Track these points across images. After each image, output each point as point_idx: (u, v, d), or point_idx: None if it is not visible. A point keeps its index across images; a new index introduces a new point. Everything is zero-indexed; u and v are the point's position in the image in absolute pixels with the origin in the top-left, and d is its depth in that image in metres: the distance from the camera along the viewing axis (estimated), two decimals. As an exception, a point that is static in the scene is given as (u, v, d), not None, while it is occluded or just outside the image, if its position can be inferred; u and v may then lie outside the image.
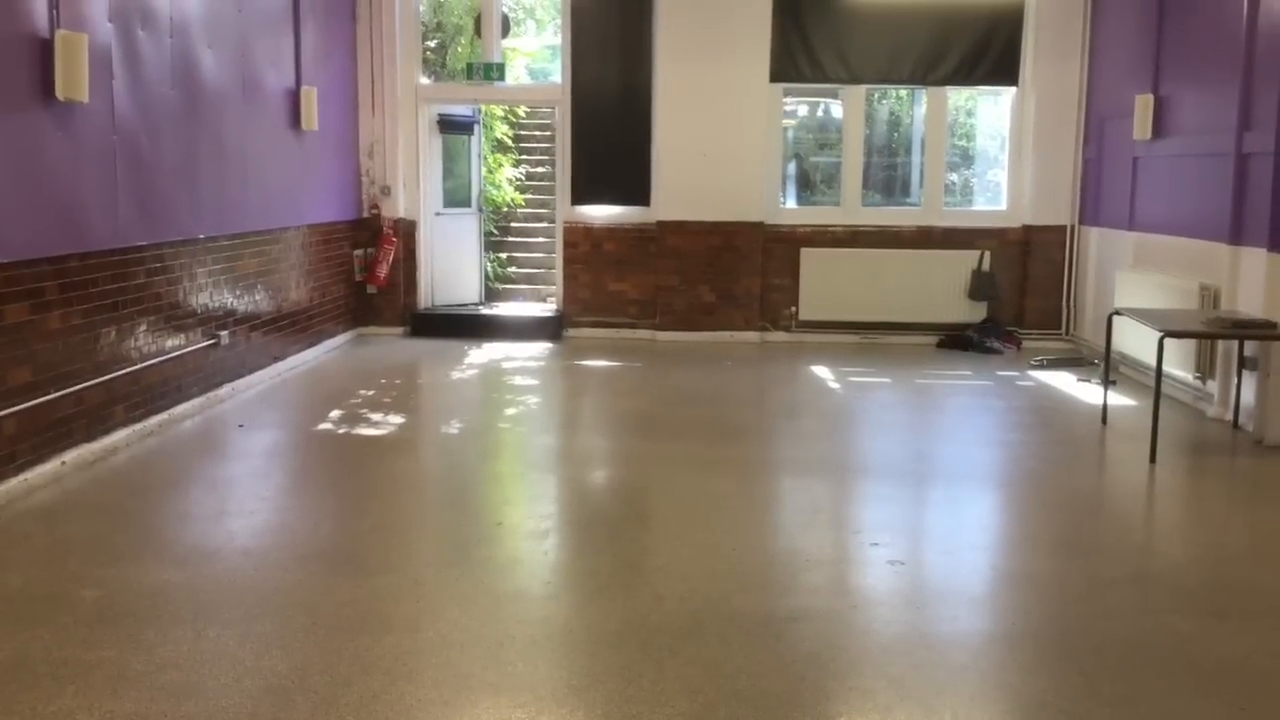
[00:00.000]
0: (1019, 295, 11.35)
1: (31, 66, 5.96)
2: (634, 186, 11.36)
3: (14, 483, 5.85)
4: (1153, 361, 7.06)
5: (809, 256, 11.29)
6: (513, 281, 13.88)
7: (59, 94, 6.09)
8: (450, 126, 12.10)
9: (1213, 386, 8.07)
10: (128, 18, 6.87)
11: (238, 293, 8.49)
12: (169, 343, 7.46)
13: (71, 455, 6.35)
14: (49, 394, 6.14)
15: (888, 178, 14.21)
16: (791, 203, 12.75)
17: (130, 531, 5.44)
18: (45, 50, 6.03)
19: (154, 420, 7.24)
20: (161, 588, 4.68)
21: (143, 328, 7.12)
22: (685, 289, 11.33)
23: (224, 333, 8.20)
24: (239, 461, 6.93)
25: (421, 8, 12.05)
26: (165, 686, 3.77)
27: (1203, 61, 8.61)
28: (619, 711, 3.65)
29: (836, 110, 12.96)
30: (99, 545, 5.20)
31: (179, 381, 7.61)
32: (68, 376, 6.32)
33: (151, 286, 7.22)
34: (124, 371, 6.89)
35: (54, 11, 6.08)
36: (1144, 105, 9.29)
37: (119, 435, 6.83)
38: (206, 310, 7.99)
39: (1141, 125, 9.32)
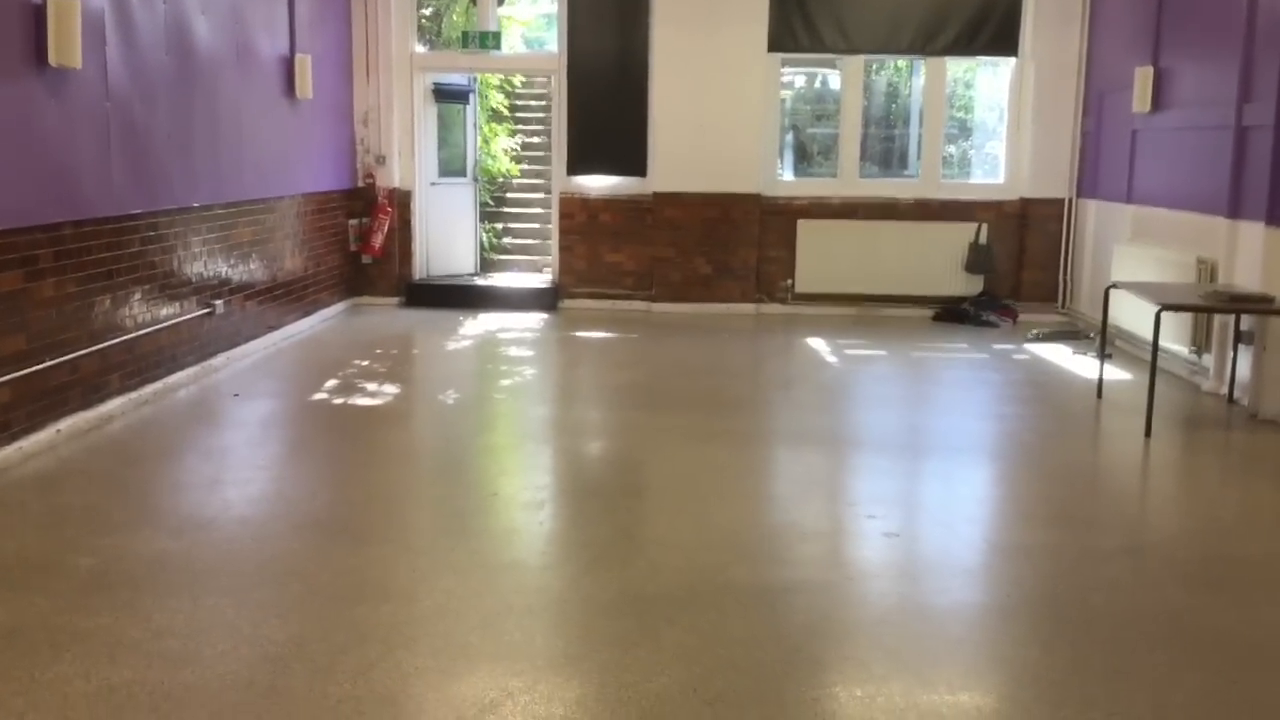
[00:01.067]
0: (1016, 268, 11.34)
1: (24, 32, 5.90)
2: (630, 157, 11.30)
3: (9, 451, 5.84)
4: (1149, 335, 7.06)
5: (806, 228, 11.26)
6: (508, 252, 13.85)
7: (51, 60, 6.03)
8: (445, 95, 12.03)
9: (1209, 360, 8.08)
10: (121, -17, 6.80)
11: (232, 262, 8.45)
12: (164, 311, 7.43)
13: (66, 423, 6.34)
14: (44, 362, 6.12)
15: (885, 149, 14.16)
16: (788, 174, 12.72)
17: (126, 500, 5.44)
18: (38, 16, 5.97)
19: (149, 389, 7.23)
20: (158, 556, 4.68)
21: (137, 296, 7.09)
22: (681, 260, 11.31)
23: (219, 302, 8.17)
24: (234, 430, 6.92)
25: (417, -25, 11.95)
26: (162, 654, 3.78)
27: (1203, 34, 8.56)
28: (615, 680, 3.66)
29: (834, 81, 12.90)
30: (95, 513, 5.20)
31: (174, 350, 7.59)
32: (62, 345, 6.30)
33: (146, 255, 7.18)
34: (119, 340, 6.87)
35: (46, -24, 6.02)
36: (1144, 77, 9.25)
37: (114, 404, 6.82)
38: (201, 279, 7.96)
39: (1141, 97, 9.29)
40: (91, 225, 6.56)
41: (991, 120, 12.88)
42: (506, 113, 15.64)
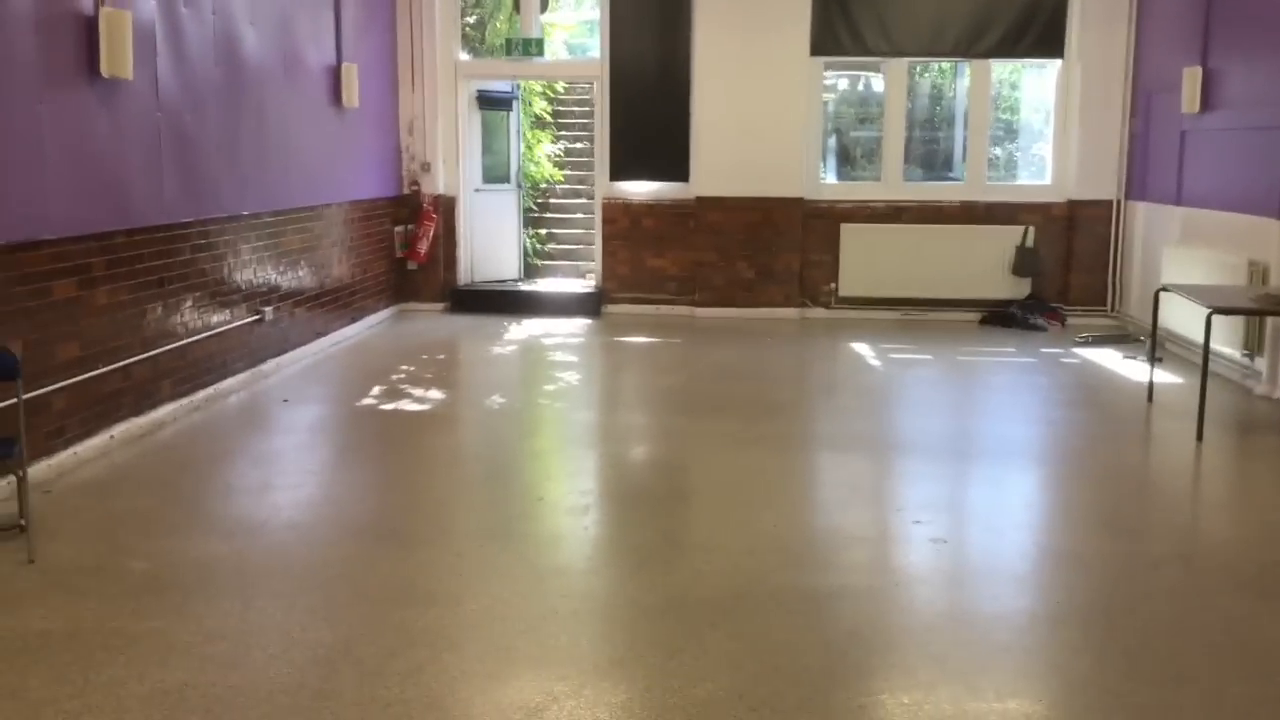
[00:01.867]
0: (1064, 271, 11.22)
1: (77, 44, 6.02)
2: (673, 162, 11.31)
3: (64, 456, 5.94)
4: (1200, 338, 6.96)
5: (849, 232, 11.20)
6: (552, 258, 13.89)
7: (104, 71, 6.14)
8: (489, 103, 12.10)
9: (1261, 364, 7.95)
10: (171, -5, 6.92)
11: (281, 269, 8.55)
12: (214, 318, 7.54)
13: (119, 429, 6.44)
14: (97, 369, 6.23)
15: (929, 152, 14.06)
16: (831, 178, 12.65)
17: (178, 505, 5.52)
18: (90, 28, 6.08)
19: (200, 395, 7.33)
20: (209, 560, 4.74)
21: (188, 304, 7.19)
22: (724, 265, 11.29)
23: (268, 308, 8.27)
24: (284, 436, 7.00)
25: (461, -17, 12.03)
26: (213, 657, 3.83)
27: (1252, 33, 8.44)
28: (660, 685, 3.66)
29: (877, 84, 12.82)
30: (147, 518, 5.28)
31: (224, 357, 7.69)
32: (115, 352, 6.40)
33: (196, 263, 7.29)
34: (170, 347, 6.98)
35: (99, -11, 6.13)
36: (1192, 78, 9.13)
37: (166, 410, 6.92)
38: (251, 286, 8.06)
39: (1190, 98, 9.16)
40: (143, 234, 6.66)
41: (1038, 122, 12.74)
42: (549, 119, 15.69)
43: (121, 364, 6.45)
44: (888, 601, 4.44)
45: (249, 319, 8.02)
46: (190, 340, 7.21)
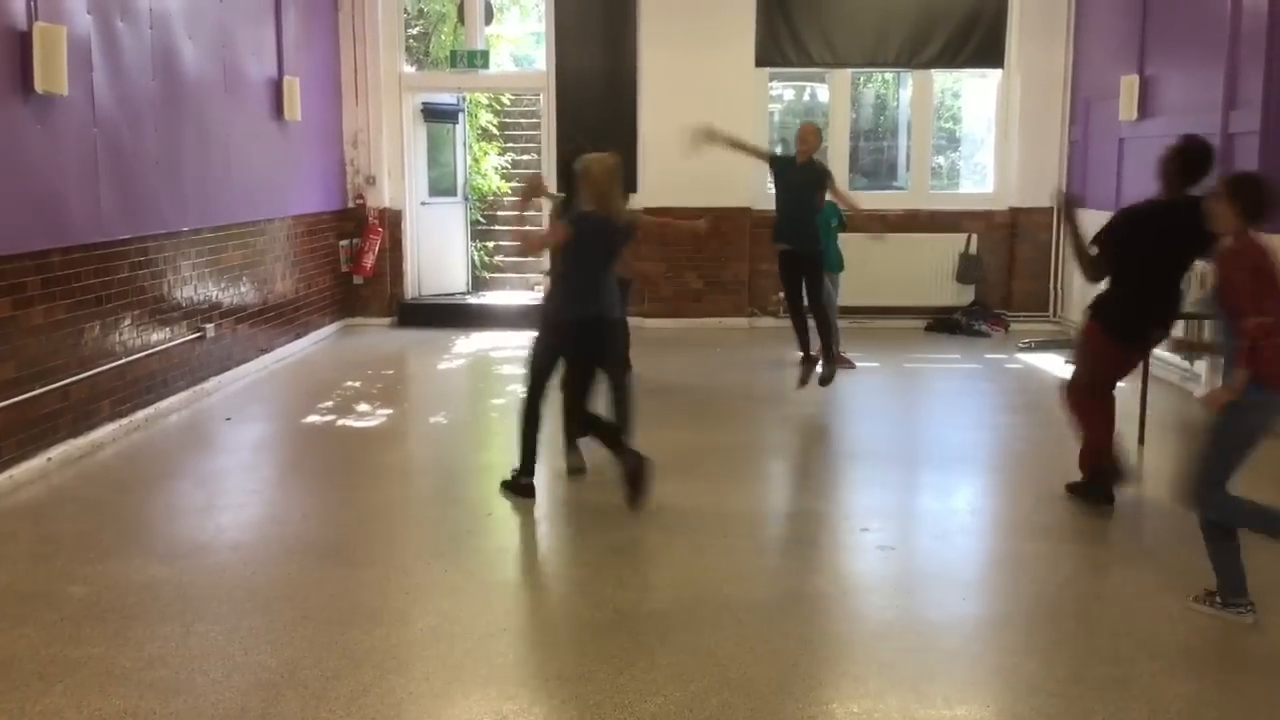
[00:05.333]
0: (1006, 278, 11.36)
1: (10, 59, 5.90)
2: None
3: (0, 480, 5.81)
4: (1140, 343, 7.04)
5: (796, 241, 11.24)
6: (500, 270, 13.83)
7: (38, 87, 6.03)
8: (435, 115, 12.04)
9: (1200, 367, 8.08)
10: (106, 9, 6.81)
11: (223, 285, 8.44)
12: (154, 337, 7.42)
13: (57, 451, 6.31)
14: (33, 390, 6.10)
15: (874, 161, 14.20)
16: (778, 188, 12.69)
17: (118, 527, 5.41)
18: (23, 43, 5.97)
19: (140, 415, 7.20)
20: (149, 583, 4.65)
21: (127, 322, 7.07)
22: (673, 275, 11.31)
23: (209, 326, 8.15)
24: (227, 455, 6.89)
25: (404, -5, 11.97)
26: (154, 683, 3.75)
27: (1188, 42, 8.60)
28: (610, 701, 3.64)
29: (823, 94, 12.93)
30: (86, 542, 5.17)
31: (165, 375, 7.57)
32: (52, 372, 6.28)
33: (135, 280, 7.17)
34: (109, 366, 6.85)
35: (32, 3, 6.02)
36: (1129, 86, 9.29)
37: (105, 430, 6.79)
38: (191, 303, 7.95)
39: (1127, 106, 9.32)
40: (79, 251, 6.54)
41: (980, 131, 12.91)
42: (496, 131, 15.64)
43: (59, 384, 6.32)
44: (837, 610, 4.45)
45: (190, 337, 7.90)
46: (130, 359, 7.09)
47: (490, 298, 12.36)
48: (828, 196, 8.38)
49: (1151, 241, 5.45)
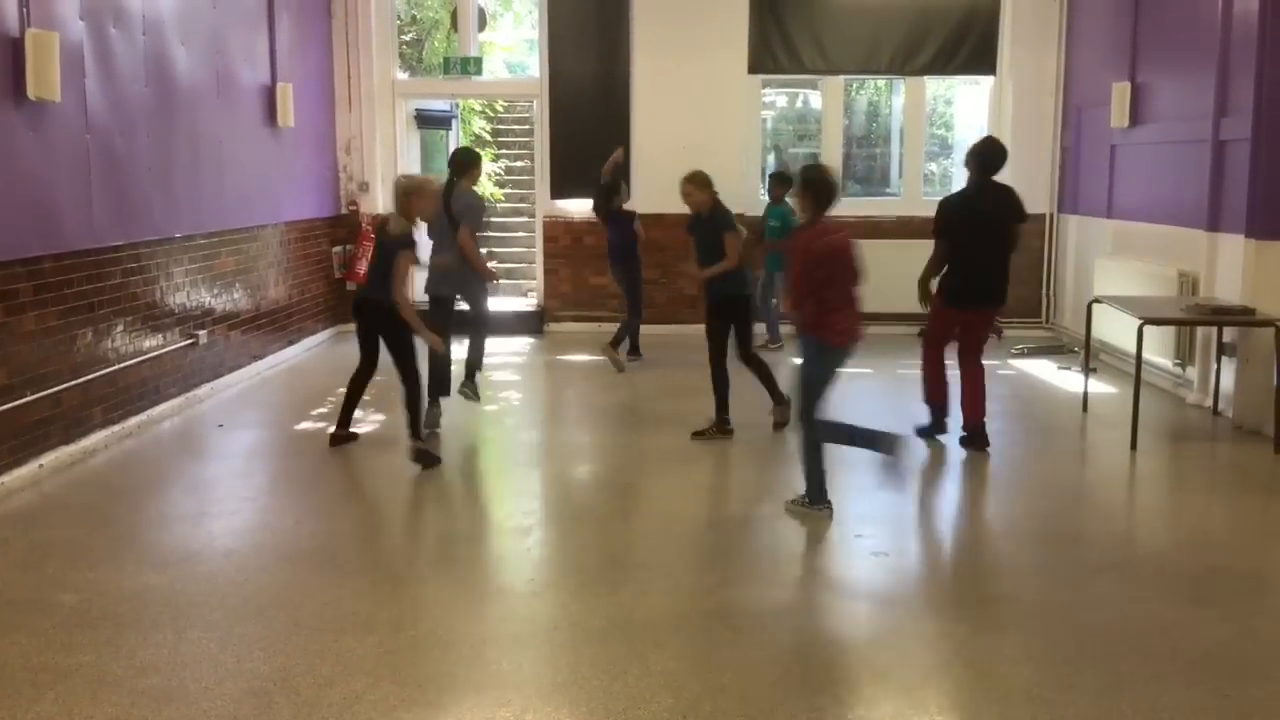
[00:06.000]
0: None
1: (2, 66, 5.89)
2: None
3: (-9, 487, 5.80)
4: (1132, 349, 7.08)
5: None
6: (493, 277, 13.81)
7: (30, 93, 6.02)
8: (428, 122, 12.05)
9: (1192, 373, 8.11)
10: (99, 15, 6.80)
11: (215, 291, 8.42)
12: (146, 343, 7.40)
13: (49, 458, 6.29)
14: (25, 396, 6.08)
15: (867, 168, 14.23)
16: (771, 194, 12.72)
17: (109, 534, 5.39)
18: (16, 49, 5.96)
19: (132, 421, 7.18)
20: (141, 591, 4.64)
21: (120, 328, 7.05)
22: (666, 282, 11.31)
23: (202, 332, 8.14)
24: (219, 462, 6.88)
25: (397, 2, 11.98)
26: (146, 691, 3.74)
27: (1179, 49, 8.63)
28: (604, 708, 3.64)
29: (815, 101, 12.96)
30: (78, 549, 5.15)
31: (157, 382, 7.55)
32: (44, 379, 6.26)
33: (128, 287, 7.15)
34: (101, 373, 6.84)
35: (24, 10, 6.01)
36: (1121, 93, 9.32)
37: (97, 437, 6.77)
38: (184, 310, 7.93)
39: (1119, 113, 9.35)
40: (72, 258, 6.53)
41: (972, 138, 12.92)
42: (489, 138, 15.66)
43: (50, 391, 6.31)
44: (831, 616, 4.45)
45: (183, 343, 7.88)
46: (122, 366, 7.07)
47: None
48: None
49: (962, 224, 6.91)
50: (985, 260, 6.86)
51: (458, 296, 7.63)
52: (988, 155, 6.95)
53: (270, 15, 9.44)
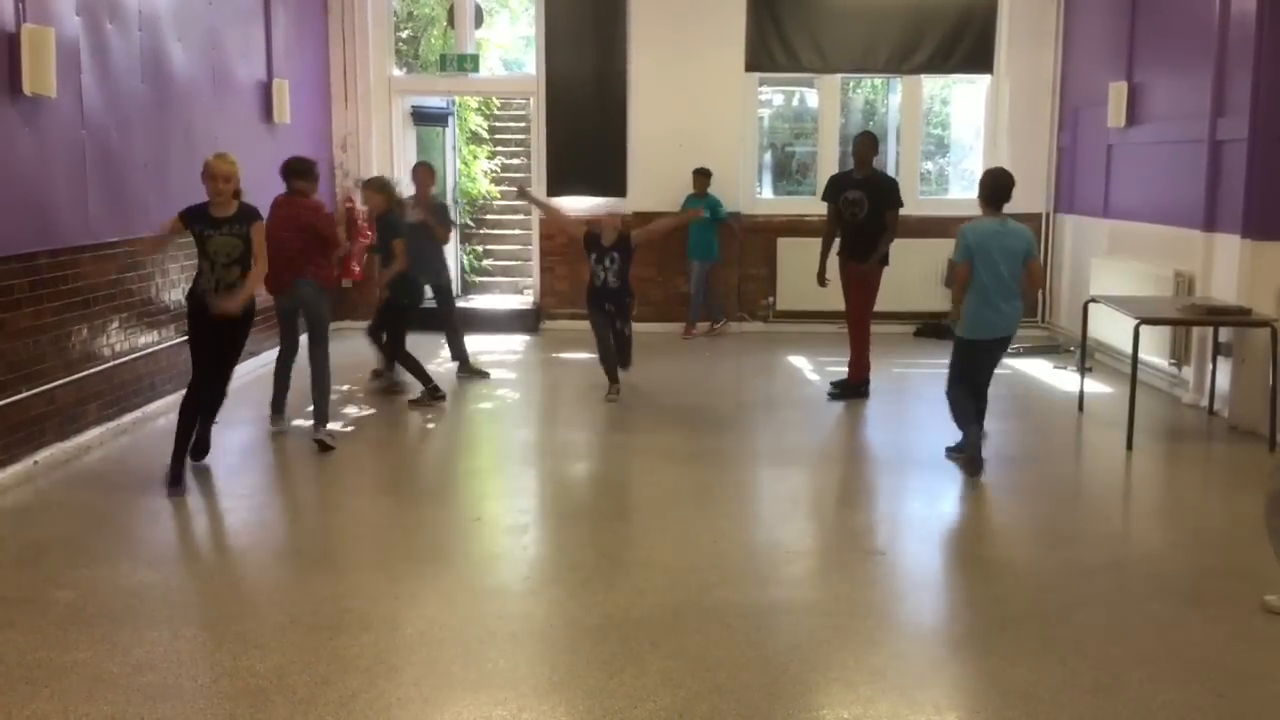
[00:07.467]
0: (995, 283, 11.35)
1: (-3, 61, 5.88)
2: (610, 177, 11.31)
3: (-15, 483, 5.78)
4: (1128, 348, 7.09)
5: (786, 246, 11.27)
6: (489, 274, 13.82)
7: (26, 89, 6.00)
8: (424, 118, 12.02)
9: (1188, 373, 8.12)
10: (95, 11, 6.78)
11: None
12: (142, 339, 7.38)
13: (44, 455, 6.27)
14: (20, 393, 6.07)
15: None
16: (767, 192, 12.74)
17: (104, 531, 5.38)
18: (11, 45, 5.94)
19: (128, 418, 7.17)
20: (137, 588, 4.63)
21: (115, 325, 7.04)
22: (663, 280, 11.31)
23: (198, 329, 8.10)
24: (214, 459, 6.85)
25: (394, -1, 11.96)
26: (142, 688, 3.73)
27: (1176, 49, 8.64)
28: (600, 707, 3.63)
29: (812, 99, 12.95)
30: (73, 546, 5.14)
31: (153, 378, 7.53)
32: (39, 375, 6.24)
33: (123, 283, 7.14)
34: (97, 369, 6.82)
35: (20, 5, 5.99)
36: (1118, 93, 9.32)
37: (92, 434, 6.76)
38: (180, 306, 7.88)
39: (1116, 113, 9.36)
40: (67, 254, 6.51)
41: (969, 137, 12.95)
42: (485, 135, 15.63)
43: (46, 387, 6.29)
44: (827, 615, 4.45)
45: (178, 339, 7.86)
46: (117, 362, 7.06)
47: (479, 302, 12.34)
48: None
49: (839, 199, 8.29)
50: (856, 229, 8.21)
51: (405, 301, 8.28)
52: (867, 146, 8.37)
53: (266, 11, 9.42)
